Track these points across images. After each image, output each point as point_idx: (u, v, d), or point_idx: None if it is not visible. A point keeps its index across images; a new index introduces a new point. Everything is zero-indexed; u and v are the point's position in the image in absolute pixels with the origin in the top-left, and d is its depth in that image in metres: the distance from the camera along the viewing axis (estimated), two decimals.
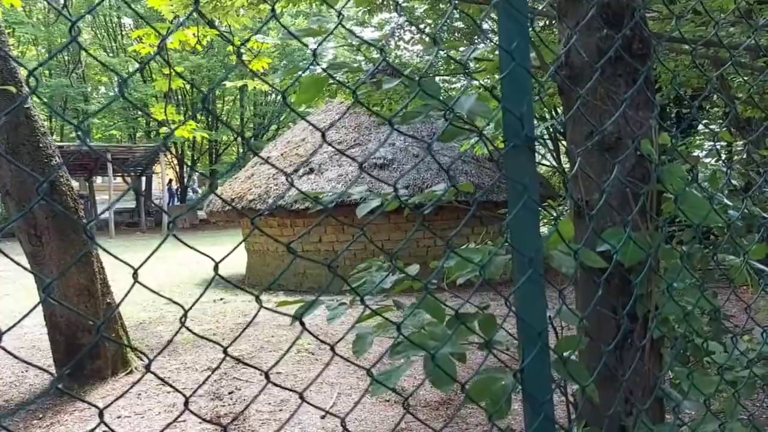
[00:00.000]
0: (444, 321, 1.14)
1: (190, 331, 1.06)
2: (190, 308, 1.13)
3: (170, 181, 26.04)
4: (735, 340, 1.41)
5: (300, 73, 1.40)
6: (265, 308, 1.05)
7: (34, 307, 0.89)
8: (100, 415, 0.92)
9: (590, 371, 1.07)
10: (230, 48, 7.89)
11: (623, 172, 1.20)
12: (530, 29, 1.01)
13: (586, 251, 1.09)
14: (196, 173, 27.39)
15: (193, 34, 7.57)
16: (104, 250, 0.94)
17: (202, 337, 1.11)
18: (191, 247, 1.05)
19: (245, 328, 1.40)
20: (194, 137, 8.48)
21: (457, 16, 12.01)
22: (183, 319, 0.94)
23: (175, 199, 26.58)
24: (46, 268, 4.56)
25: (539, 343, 0.97)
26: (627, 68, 1.27)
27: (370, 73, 1.24)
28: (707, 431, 1.20)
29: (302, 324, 1.01)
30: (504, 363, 1.03)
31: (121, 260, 0.97)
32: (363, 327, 1.25)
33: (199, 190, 30.40)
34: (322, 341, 1.09)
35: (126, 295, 1.03)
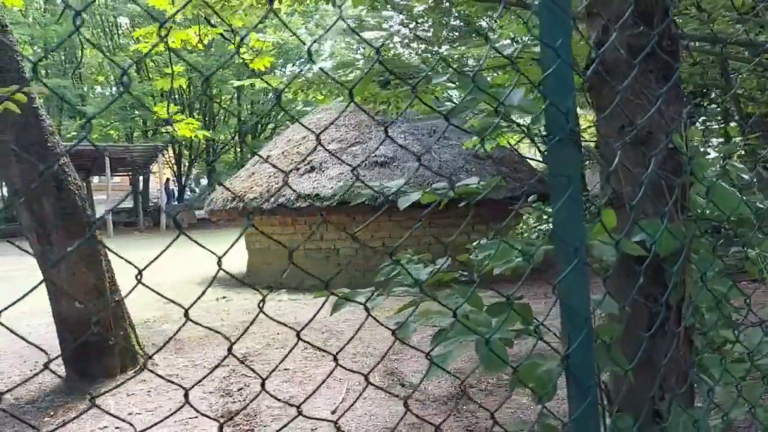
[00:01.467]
0: (482, 309, 1.17)
1: (197, 324, 1.09)
2: (192, 305, 1.15)
3: (168, 180, 26.03)
4: (765, 327, 1.45)
5: (299, 71, 1.43)
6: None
7: (38, 284, 0.93)
8: (92, 400, 0.95)
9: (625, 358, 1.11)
10: (232, 47, 7.89)
11: (656, 165, 1.23)
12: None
13: (626, 241, 1.13)
14: (194, 172, 27.40)
15: (195, 33, 7.60)
16: (113, 252, 0.97)
17: (209, 329, 1.14)
18: (198, 244, 1.07)
19: (249, 325, 1.43)
20: (191, 137, 8.46)
21: (456, 14, 12.05)
22: (186, 316, 0.97)
23: (173, 199, 26.57)
24: (55, 267, 4.58)
25: (585, 329, 1.01)
26: (657, 64, 1.31)
27: (366, 72, 1.27)
28: (739, 414, 1.24)
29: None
30: (553, 348, 1.07)
31: (128, 261, 1.00)
32: (392, 317, 1.28)
33: (197, 190, 30.41)
34: (319, 350, 1.12)
35: (129, 292, 1.06)
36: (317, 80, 4.30)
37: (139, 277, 0.92)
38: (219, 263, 0.96)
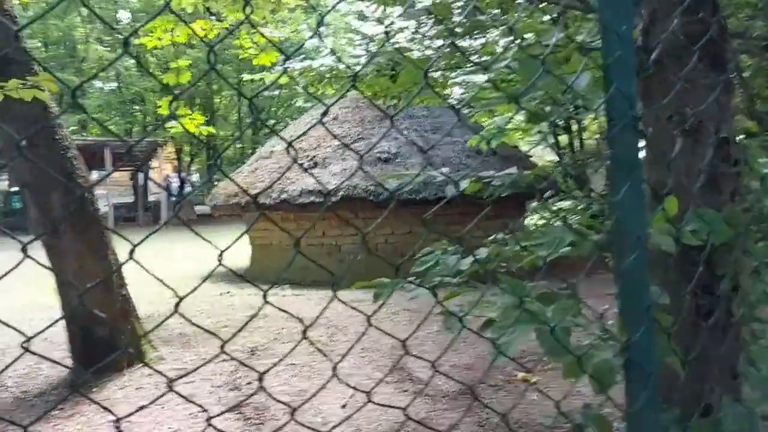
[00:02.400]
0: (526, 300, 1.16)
1: (186, 319, 1.08)
2: (186, 296, 1.14)
3: (167, 176, 26.00)
4: None
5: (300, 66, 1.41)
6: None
7: (13, 268, 0.92)
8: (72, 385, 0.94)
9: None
10: (237, 42, 7.89)
11: (709, 154, 1.23)
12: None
13: (685, 230, 1.12)
14: (194, 168, 27.35)
15: (201, 28, 7.57)
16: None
17: (198, 327, 1.12)
18: (202, 237, 1.05)
19: (246, 323, 1.41)
20: (192, 131, 8.45)
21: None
22: (177, 306, 0.93)
23: (174, 194, 26.54)
24: (64, 260, 4.57)
25: (647, 318, 1.00)
26: (707, 54, 1.29)
27: (365, 64, 1.26)
28: None
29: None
30: (613, 336, 1.06)
31: (126, 238, 0.98)
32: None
33: (197, 185, 30.34)
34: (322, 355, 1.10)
35: (122, 264, 1.04)
36: (329, 74, 4.28)
37: (132, 254, 0.89)
38: (220, 258, 0.94)
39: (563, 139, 14.85)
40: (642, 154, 1.18)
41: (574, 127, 14.15)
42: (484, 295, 1.23)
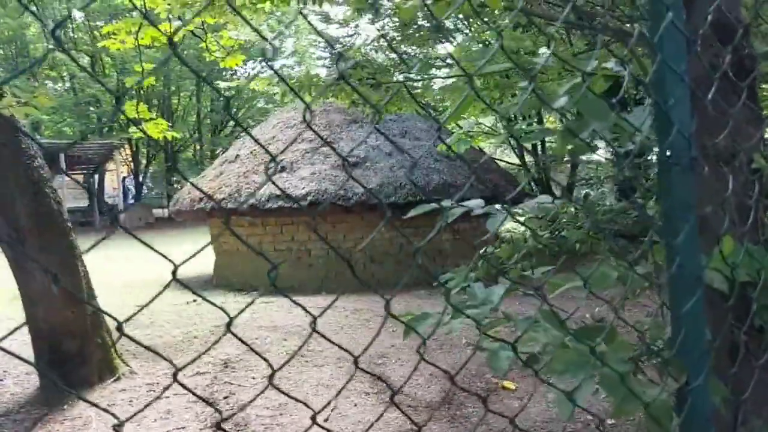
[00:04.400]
0: (566, 333, 1.14)
1: (132, 339, 1.03)
2: (128, 319, 1.07)
3: (124, 178, 25.42)
4: None
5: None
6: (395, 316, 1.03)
7: None
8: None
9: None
10: (203, 44, 7.74)
11: (738, 184, 1.23)
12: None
13: (734, 268, 1.12)
14: (151, 170, 26.79)
15: (165, 31, 7.40)
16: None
17: (148, 348, 1.08)
18: (156, 251, 0.97)
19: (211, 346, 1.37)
20: (156, 137, 8.26)
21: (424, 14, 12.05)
22: (120, 330, 0.83)
23: (130, 197, 25.96)
24: (30, 273, 4.40)
25: (707, 360, 0.99)
26: (735, 83, 1.30)
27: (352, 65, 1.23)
28: None
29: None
30: (671, 377, 1.04)
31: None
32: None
33: (154, 188, 29.74)
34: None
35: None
36: (308, 81, 4.22)
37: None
38: (174, 273, 0.86)
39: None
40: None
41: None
42: (521, 328, 1.21)
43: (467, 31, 12.98)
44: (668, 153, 0.97)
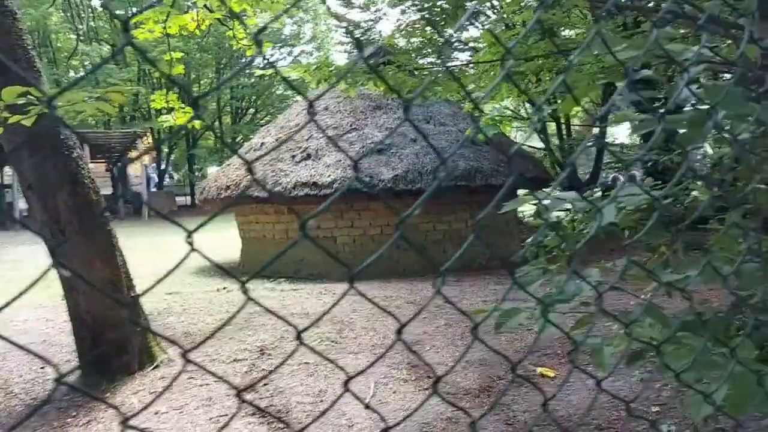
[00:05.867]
0: (671, 328, 1.12)
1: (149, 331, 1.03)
2: (143, 294, 1.07)
3: (146, 166, 25.59)
4: None
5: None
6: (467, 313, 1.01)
7: (46, 272, 0.86)
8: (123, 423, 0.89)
9: None
10: (230, 33, 7.75)
11: None
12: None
13: None
14: (173, 158, 26.97)
15: (192, 19, 7.41)
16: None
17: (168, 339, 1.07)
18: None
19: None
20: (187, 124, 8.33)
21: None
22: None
23: (152, 184, 26.16)
24: (71, 264, 4.44)
25: None
26: None
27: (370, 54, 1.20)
28: None
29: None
30: None
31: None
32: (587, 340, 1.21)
33: (175, 175, 29.96)
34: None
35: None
36: (335, 68, 4.20)
37: (190, 240, 0.82)
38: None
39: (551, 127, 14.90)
40: None
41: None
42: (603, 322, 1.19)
43: (490, 13, 12.82)
44: None
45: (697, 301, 2.43)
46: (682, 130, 1.01)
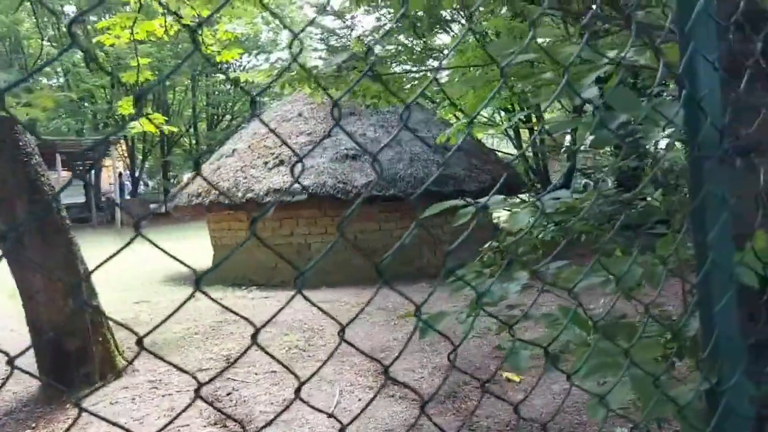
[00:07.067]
0: (590, 331, 1.11)
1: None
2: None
3: (120, 174, 25.32)
4: None
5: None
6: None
7: None
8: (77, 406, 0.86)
9: None
10: (198, 38, 7.62)
11: (765, 176, 1.20)
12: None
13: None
14: (147, 165, 26.71)
15: (160, 25, 7.34)
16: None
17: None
18: (150, 241, 0.96)
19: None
20: (154, 131, 8.28)
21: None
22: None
23: (126, 192, 25.87)
24: (29, 272, 4.36)
25: (743, 358, 0.96)
26: (764, 71, 1.27)
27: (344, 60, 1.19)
28: None
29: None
30: (704, 375, 1.02)
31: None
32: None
33: (150, 183, 29.65)
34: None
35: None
36: (304, 74, 4.17)
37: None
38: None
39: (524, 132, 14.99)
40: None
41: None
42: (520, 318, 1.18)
43: (463, 21, 12.89)
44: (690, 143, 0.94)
45: (652, 304, 2.44)
46: (587, 133, 1.01)
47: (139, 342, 0.76)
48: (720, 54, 1.03)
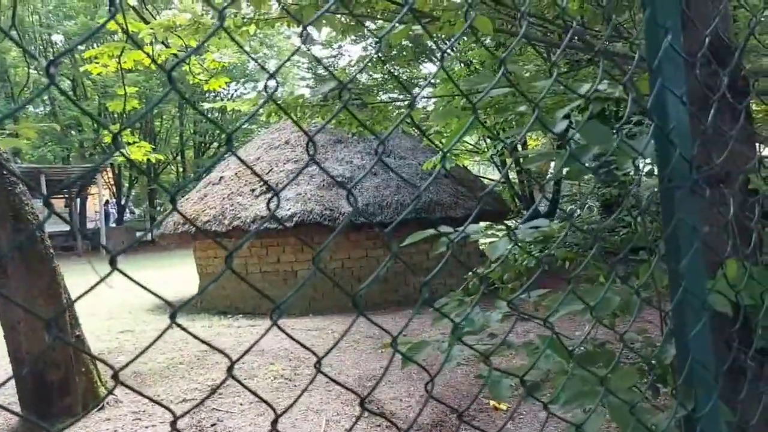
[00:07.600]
0: (568, 360, 1.12)
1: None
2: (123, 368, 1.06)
3: (107, 202, 25.17)
4: None
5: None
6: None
7: None
8: None
9: None
10: (186, 67, 7.71)
11: (736, 206, 1.23)
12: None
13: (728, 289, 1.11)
14: (133, 193, 26.60)
15: (148, 54, 7.38)
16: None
17: (97, 359, 1.04)
18: (131, 278, 0.98)
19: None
20: (143, 160, 8.26)
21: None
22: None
23: (112, 220, 25.71)
24: (12, 302, 4.32)
25: (717, 386, 0.97)
26: (731, 104, 1.30)
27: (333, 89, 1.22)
28: None
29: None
30: (678, 402, 1.03)
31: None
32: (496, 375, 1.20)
33: (136, 211, 29.51)
34: None
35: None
36: (294, 102, 4.20)
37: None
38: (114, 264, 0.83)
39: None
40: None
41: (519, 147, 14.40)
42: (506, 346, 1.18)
43: (449, 51, 13.07)
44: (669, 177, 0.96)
45: (637, 330, 2.46)
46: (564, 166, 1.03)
47: (115, 376, 0.76)
48: (688, 88, 1.07)
